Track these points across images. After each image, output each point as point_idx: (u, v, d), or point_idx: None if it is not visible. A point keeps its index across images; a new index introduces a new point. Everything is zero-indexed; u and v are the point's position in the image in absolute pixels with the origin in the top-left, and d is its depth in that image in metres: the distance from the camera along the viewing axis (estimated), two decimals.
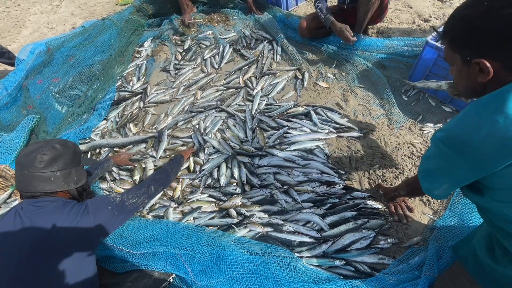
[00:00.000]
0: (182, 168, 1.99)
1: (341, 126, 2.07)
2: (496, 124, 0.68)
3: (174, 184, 1.96)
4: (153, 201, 1.88)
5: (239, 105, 2.41)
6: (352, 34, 2.28)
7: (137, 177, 2.04)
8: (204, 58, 2.93)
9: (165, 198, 1.93)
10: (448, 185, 0.87)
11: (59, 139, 1.31)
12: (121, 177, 2.09)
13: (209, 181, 1.95)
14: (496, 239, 0.95)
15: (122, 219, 1.28)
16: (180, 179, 1.99)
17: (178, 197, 1.91)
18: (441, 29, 0.87)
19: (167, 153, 2.17)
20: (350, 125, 2.06)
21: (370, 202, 1.65)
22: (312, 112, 2.14)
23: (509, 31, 0.68)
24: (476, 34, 0.74)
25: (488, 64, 0.73)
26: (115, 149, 2.30)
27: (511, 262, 0.89)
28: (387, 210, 1.62)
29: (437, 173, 0.88)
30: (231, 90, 2.57)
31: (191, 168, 2.02)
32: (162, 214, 1.82)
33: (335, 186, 1.75)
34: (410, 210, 1.58)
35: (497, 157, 0.69)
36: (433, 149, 0.87)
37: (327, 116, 2.14)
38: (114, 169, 2.13)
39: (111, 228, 1.24)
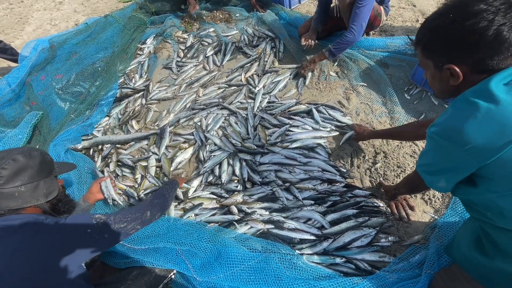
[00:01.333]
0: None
1: (343, 124, 2.07)
2: (489, 111, 0.73)
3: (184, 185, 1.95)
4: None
5: (241, 102, 2.41)
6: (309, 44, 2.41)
7: (138, 176, 2.06)
8: (206, 55, 2.93)
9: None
10: (450, 175, 0.88)
11: (22, 148, 1.16)
12: (124, 173, 2.10)
13: (210, 178, 1.95)
14: (485, 233, 0.97)
15: (104, 244, 1.10)
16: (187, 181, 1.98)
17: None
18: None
19: (169, 150, 2.17)
20: (351, 123, 2.05)
21: (371, 200, 1.65)
22: (314, 110, 2.14)
23: (471, 39, 0.76)
24: (445, 43, 0.82)
25: (457, 69, 0.81)
26: (117, 146, 2.31)
27: (501, 254, 0.91)
28: (388, 208, 1.62)
29: (437, 166, 0.91)
30: (233, 87, 2.57)
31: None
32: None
33: (336, 184, 1.75)
34: (411, 208, 1.58)
35: (495, 141, 0.73)
36: (430, 143, 0.90)
37: (329, 114, 2.13)
38: (117, 168, 2.14)
39: (87, 255, 1.04)
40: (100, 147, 2.32)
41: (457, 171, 0.85)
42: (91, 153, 2.29)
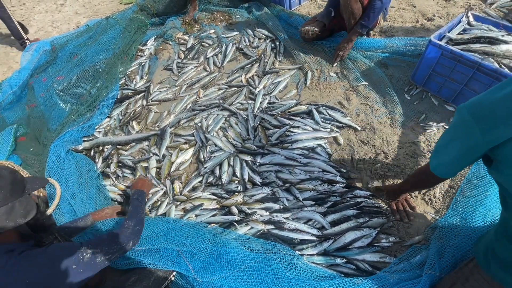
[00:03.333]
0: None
1: (343, 125, 2.07)
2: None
3: (178, 183, 1.97)
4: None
5: (241, 103, 2.42)
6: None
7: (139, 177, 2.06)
8: (207, 56, 2.94)
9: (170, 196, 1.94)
10: (457, 154, 0.92)
11: None
12: (124, 174, 2.11)
13: (210, 178, 1.96)
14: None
15: (85, 275, 1.06)
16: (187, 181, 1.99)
17: (180, 193, 1.91)
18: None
19: (169, 151, 2.18)
20: (352, 123, 2.05)
21: (372, 201, 1.65)
22: (314, 111, 2.14)
23: None
24: None
25: None
26: (117, 146, 2.31)
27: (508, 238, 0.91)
28: (388, 208, 1.62)
29: (450, 144, 0.94)
30: (233, 88, 2.57)
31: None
32: (164, 211, 1.84)
33: (337, 185, 1.75)
34: (412, 208, 1.58)
35: (508, 121, 0.74)
36: (455, 118, 0.93)
37: (329, 115, 2.14)
38: (117, 169, 2.15)
39: (72, 282, 1.01)
40: (101, 148, 2.33)
41: (466, 148, 0.87)
42: (92, 154, 2.30)
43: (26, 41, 3.54)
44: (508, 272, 0.95)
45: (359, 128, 2.03)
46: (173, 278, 1.48)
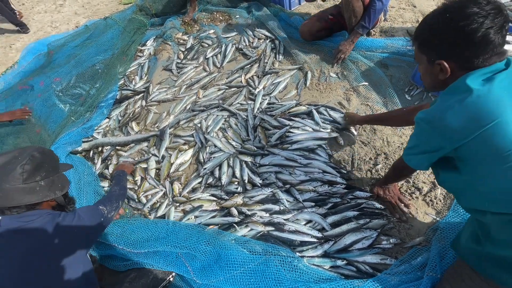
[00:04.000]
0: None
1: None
2: (464, 101, 0.85)
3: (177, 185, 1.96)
4: None
5: (241, 104, 2.40)
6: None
7: (138, 178, 2.05)
8: (206, 57, 2.93)
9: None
10: (427, 155, 1.02)
11: (33, 146, 1.26)
12: None
13: (210, 180, 1.95)
14: (477, 222, 1.06)
15: (105, 227, 1.36)
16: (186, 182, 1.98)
17: (180, 194, 1.90)
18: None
19: (169, 152, 2.17)
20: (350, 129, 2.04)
21: (372, 202, 1.64)
22: (314, 112, 2.13)
23: (462, 39, 0.86)
24: (439, 40, 0.91)
25: (446, 65, 0.91)
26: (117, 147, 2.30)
27: (490, 240, 0.99)
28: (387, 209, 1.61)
29: (419, 148, 1.05)
30: (233, 89, 2.56)
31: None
32: (163, 212, 1.83)
33: (337, 186, 1.74)
34: (407, 206, 1.59)
35: (467, 126, 0.85)
36: (416, 128, 1.05)
37: (330, 115, 2.12)
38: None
39: (100, 234, 1.35)
40: (100, 149, 2.32)
41: (433, 151, 0.98)
42: (91, 155, 2.29)
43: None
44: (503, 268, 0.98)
45: (355, 133, 2.01)
46: (172, 279, 1.48)
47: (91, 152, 2.31)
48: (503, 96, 0.82)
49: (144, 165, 2.12)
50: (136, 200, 1.95)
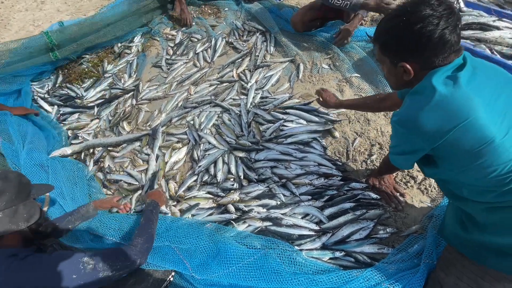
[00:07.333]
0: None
1: (337, 120, 2.04)
2: (434, 102, 0.88)
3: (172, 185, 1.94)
4: None
5: (234, 99, 2.37)
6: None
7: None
8: (196, 52, 2.87)
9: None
10: (408, 156, 1.06)
11: None
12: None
13: (205, 177, 1.93)
14: (461, 210, 1.10)
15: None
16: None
17: (176, 193, 1.89)
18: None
19: (162, 150, 2.13)
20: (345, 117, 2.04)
21: (368, 193, 1.65)
22: (305, 114, 2.08)
23: (420, 41, 0.88)
24: (399, 44, 0.94)
25: (409, 67, 0.94)
26: (109, 148, 2.26)
27: (477, 227, 1.04)
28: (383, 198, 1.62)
29: (399, 148, 1.09)
30: (225, 84, 2.53)
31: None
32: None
33: (333, 178, 1.75)
34: (402, 195, 1.61)
35: (441, 126, 0.88)
36: (392, 130, 1.09)
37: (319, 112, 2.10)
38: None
39: None
40: (91, 150, 2.27)
41: (413, 152, 1.02)
42: (82, 157, 2.24)
43: None
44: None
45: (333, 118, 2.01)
46: (171, 279, 1.47)
47: (82, 154, 2.26)
48: (470, 94, 0.86)
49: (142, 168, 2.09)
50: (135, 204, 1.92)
